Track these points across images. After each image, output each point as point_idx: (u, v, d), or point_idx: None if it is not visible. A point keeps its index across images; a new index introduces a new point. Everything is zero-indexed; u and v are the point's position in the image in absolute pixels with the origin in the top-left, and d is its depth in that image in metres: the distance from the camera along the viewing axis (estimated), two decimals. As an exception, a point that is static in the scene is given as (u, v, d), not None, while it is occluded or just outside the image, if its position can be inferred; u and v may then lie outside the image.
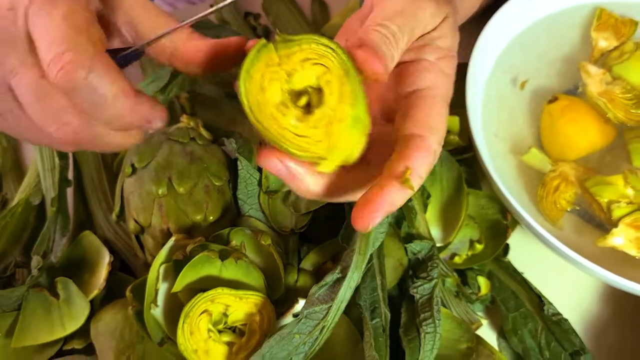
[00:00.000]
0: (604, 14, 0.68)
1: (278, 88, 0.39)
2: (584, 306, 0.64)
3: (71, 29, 0.38)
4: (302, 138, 0.39)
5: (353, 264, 0.48)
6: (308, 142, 0.39)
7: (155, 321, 0.51)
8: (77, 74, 0.37)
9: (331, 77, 0.39)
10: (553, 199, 0.60)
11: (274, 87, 0.38)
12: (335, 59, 0.39)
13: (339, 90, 0.39)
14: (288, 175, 0.40)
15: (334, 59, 0.39)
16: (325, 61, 0.39)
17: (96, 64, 0.37)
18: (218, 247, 0.52)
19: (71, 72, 0.37)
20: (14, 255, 0.63)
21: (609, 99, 0.62)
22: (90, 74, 0.37)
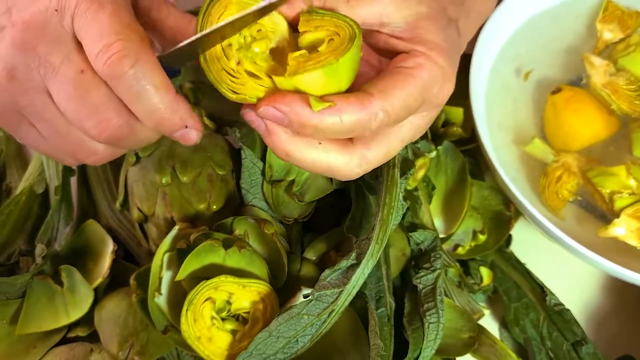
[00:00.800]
0: (610, 5, 0.68)
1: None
2: (586, 297, 0.64)
3: (119, 23, 0.40)
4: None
5: (369, 251, 0.48)
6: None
7: (159, 309, 0.52)
8: (125, 62, 0.39)
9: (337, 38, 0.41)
10: (555, 189, 0.60)
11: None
12: (348, 29, 0.41)
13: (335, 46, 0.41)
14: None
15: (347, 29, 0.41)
16: (338, 29, 0.41)
17: (142, 56, 0.39)
18: (222, 236, 0.52)
19: (119, 61, 0.39)
20: (18, 243, 0.63)
21: (613, 90, 0.62)
22: (136, 64, 0.39)
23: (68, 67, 0.41)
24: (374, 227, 0.49)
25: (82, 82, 0.40)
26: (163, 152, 0.57)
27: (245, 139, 0.59)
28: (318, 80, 0.40)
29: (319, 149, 0.42)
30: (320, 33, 0.41)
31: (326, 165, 0.42)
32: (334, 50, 0.40)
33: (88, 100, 0.40)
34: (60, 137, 0.44)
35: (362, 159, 0.43)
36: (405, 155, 0.54)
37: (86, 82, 0.40)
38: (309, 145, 0.41)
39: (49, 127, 0.43)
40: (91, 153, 0.45)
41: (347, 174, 0.43)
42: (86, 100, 0.40)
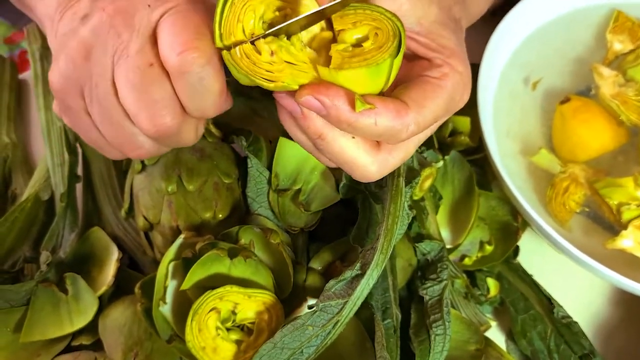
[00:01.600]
0: (621, 16, 0.68)
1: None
2: (594, 309, 0.64)
3: (204, 26, 0.41)
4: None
5: (374, 261, 0.48)
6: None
7: (164, 318, 0.51)
8: (196, 61, 0.40)
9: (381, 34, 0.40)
10: (562, 200, 0.60)
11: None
12: (389, 24, 0.40)
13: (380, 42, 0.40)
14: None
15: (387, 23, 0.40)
16: (378, 23, 0.41)
17: (213, 60, 0.41)
18: (227, 246, 0.52)
19: (192, 58, 0.40)
20: (23, 250, 0.63)
21: (622, 101, 0.62)
22: (206, 66, 0.41)
23: (140, 57, 0.41)
24: (378, 236, 0.49)
25: (149, 75, 0.41)
26: (169, 160, 0.57)
27: (251, 147, 0.58)
28: (362, 79, 0.40)
29: (351, 141, 0.42)
30: (360, 29, 0.41)
31: (350, 158, 0.43)
32: (380, 47, 0.40)
33: (149, 93, 0.42)
34: (112, 126, 0.45)
35: (382, 164, 0.44)
36: (411, 165, 0.54)
37: (152, 76, 0.42)
38: (344, 134, 0.42)
39: (104, 114, 0.44)
40: (137, 147, 0.46)
41: (363, 175, 0.44)
42: (147, 93, 0.42)
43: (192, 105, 0.43)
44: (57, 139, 0.67)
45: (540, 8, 0.68)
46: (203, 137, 0.59)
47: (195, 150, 0.58)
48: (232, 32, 0.40)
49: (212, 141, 0.60)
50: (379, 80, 0.40)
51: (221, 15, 0.40)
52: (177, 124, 0.44)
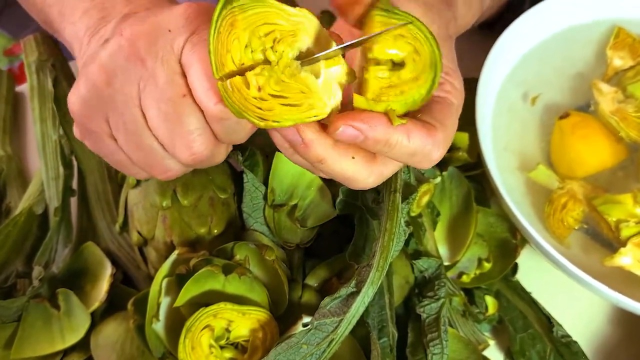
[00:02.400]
0: (621, 32, 0.67)
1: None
2: (593, 328, 0.63)
3: None
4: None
5: (369, 279, 0.47)
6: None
7: (157, 336, 0.51)
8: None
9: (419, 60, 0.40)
10: (560, 216, 0.59)
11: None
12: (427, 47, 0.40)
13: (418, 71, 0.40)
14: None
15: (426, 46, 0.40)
16: (417, 44, 0.40)
17: None
18: (221, 262, 0.51)
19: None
20: (16, 265, 0.62)
21: (622, 117, 0.61)
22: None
23: (171, 88, 0.41)
24: (374, 253, 0.49)
25: (182, 107, 0.41)
26: (164, 175, 0.57)
27: (247, 162, 0.58)
28: (399, 110, 0.40)
29: (350, 161, 0.42)
30: (399, 46, 0.40)
31: (350, 174, 0.42)
32: (416, 78, 0.40)
33: (184, 125, 0.42)
34: (140, 151, 0.45)
35: (379, 175, 0.44)
36: (408, 181, 0.53)
37: (186, 107, 0.41)
38: (343, 156, 0.41)
39: (132, 140, 0.44)
40: (166, 170, 0.46)
41: (361, 185, 0.44)
42: (182, 125, 0.42)
43: (227, 139, 0.44)
44: (52, 153, 0.66)
45: (539, 24, 0.68)
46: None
47: (190, 165, 0.58)
48: (224, 62, 0.38)
49: (207, 156, 0.59)
50: (410, 108, 0.40)
51: (212, 44, 0.38)
52: (211, 151, 0.44)
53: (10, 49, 1.80)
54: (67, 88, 0.70)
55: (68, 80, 0.70)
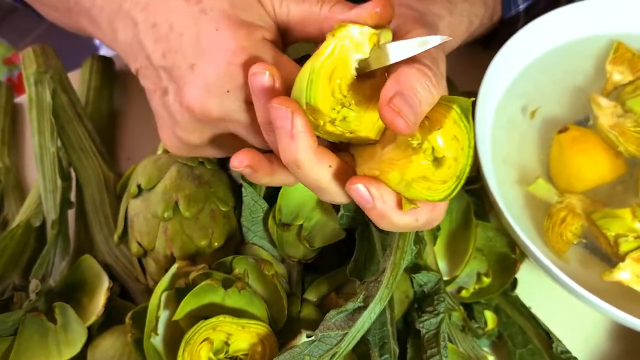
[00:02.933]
0: (621, 47, 0.68)
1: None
2: (593, 343, 0.63)
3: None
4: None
5: (378, 295, 0.47)
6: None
7: (155, 350, 0.50)
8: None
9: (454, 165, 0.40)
10: (559, 231, 0.59)
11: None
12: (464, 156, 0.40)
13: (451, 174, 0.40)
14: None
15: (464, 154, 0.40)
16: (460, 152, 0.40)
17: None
18: (221, 276, 0.51)
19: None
20: (13, 278, 0.62)
21: (621, 132, 0.62)
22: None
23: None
24: (384, 270, 0.48)
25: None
26: (166, 185, 0.57)
27: (246, 175, 0.58)
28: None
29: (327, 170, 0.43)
30: (451, 145, 0.40)
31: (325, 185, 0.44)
32: (444, 182, 0.40)
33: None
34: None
35: None
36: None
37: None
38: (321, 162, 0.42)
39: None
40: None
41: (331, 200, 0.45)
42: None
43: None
44: (50, 165, 0.66)
45: (539, 38, 0.68)
46: (201, 163, 0.59)
47: (193, 176, 0.57)
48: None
49: (210, 168, 0.59)
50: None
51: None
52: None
53: (10, 58, 1.80)
54: (65, 99, 0.69)
55: (66, 92, 0.70)
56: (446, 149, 0.40)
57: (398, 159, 0.40)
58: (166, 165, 0.58)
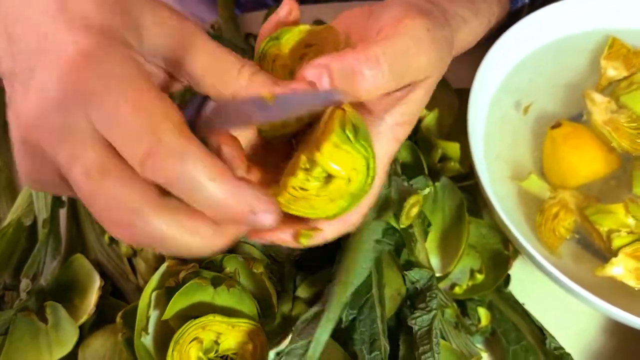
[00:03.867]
0: (616, 43, 0.67)
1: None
2: (587, 339, 0.63)
3: (147, 113, 0.33)
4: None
5: (333, 295, 0.47)
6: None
7: (146, 349, 0.50)
8: (173, 166, 0.32)
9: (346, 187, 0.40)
10: (552, 226, 0.59)
11: None
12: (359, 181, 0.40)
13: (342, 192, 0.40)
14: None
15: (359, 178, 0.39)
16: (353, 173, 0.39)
17: (187, 148, 0.33)
18: (210, 274, 0.50)
19: (167, 167, 0.32)
20: (4, 277, 0.62)
21: (614, 127, 0.61)
22: (185, 162, 0.33)
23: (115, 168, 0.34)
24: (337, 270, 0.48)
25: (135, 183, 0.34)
26: (153, 185, 0.56)
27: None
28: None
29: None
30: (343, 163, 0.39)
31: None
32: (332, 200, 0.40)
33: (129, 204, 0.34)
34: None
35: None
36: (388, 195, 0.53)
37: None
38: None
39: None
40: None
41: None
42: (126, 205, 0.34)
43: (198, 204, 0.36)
44: (42, 164, 0.65)
45: (533, 33, 0.68)
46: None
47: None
48: None
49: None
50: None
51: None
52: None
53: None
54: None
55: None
56: (332, 170, 0.39)
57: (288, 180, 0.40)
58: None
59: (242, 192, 0.34)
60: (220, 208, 0.34)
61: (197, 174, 0.33)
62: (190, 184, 0.33)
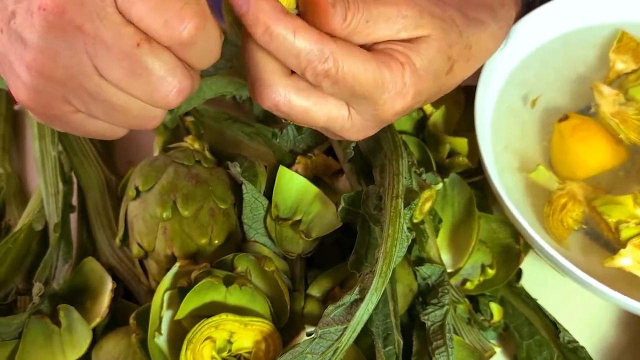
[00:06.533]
0: (625, 37, 0.67)
1: None
2: (600, 333, 0.62)
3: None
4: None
5: (373, 285, 0.47)
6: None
7: (160, 350, 0.50)
8: (202, 25, 0.37)
9: None
10: (560, 217, 0.59)
11: None
12: None
13: None
14: None
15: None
16: None
17: (208, 17, 0.38)
18: (222, 273, 0.50)
19: (190, 32, 0.37)
20: (16, 282, 0.62)
21: (622, 119, 0.61)
22: (206, 26, 0.37)
23: (123, 41, 0.37)
24: (377, 260, 0.48)
25: (142, 56, 0.37)
26: (164, 186, 0.56)
27: (246, 173, 0.58)
28: None
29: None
30: None
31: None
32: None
33: (153, 73, 0.38)
34: (116, 112, 0.41)
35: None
36: (410, 186, 0.53)
37: (146, 55, 0.38)
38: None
39: (103, 106, 0.40)
40: (151, 119, 0.42)
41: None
42: (151, 73, 0.38)
43: (201, 63, 0.40)
44: (52, 169, 0.66)
45: (541, 27, 0.68)
46: (198, 162, 0.59)
47: (190, 175, 0.57)
48: None
49: (207, 167, 0.59)
50: None
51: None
52: (190, 82, 0.40)
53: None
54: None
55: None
56: None
57: None
58: (163, 166, 0.58)
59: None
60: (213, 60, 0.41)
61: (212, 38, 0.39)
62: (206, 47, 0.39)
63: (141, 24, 0.37)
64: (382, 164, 0.54)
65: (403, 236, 0.49)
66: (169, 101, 0.40)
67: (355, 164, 0.59)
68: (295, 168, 0.60)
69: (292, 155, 0.62)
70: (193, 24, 0.37)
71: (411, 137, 0.63)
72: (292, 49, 0.39)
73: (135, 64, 0.38)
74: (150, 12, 0.36)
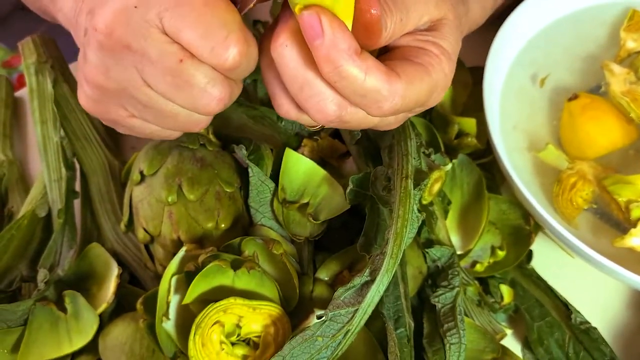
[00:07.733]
0: (636, 15, 0.66)
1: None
2: (612, 314, 0.62)
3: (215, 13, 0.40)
4: None
5: (384, 267, 0.46)
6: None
7: (167, 335, 0.49)
8: (244, 51, 0.40)
9: None
10: (569, 196, 0.58)
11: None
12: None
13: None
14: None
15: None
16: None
17: (249, 41, 0.41)
18: (230, 257, 0.50)
19: (240, 53, 0.40)
20: (20, 269, 0.61)
21: (632, 98, 0.60)
22: (247, 52, 0.41)
23: (167, 59, 0.40)
24: (387, 241, 0.47)
25: (185, 71, 0.41)
26: (169, 169, 0.56)
27: (252, 156, 0.57)
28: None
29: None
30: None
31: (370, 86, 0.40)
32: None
33: (195, 86, 0.41)
34: (167, 118, 0.45)
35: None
36: (419, 167, 0.52)
37: (189, 70, 0.41)
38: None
39: (155, 114, 0.44)
40: (198, 123, 0.46)
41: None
42: (193, 85, 0.41)
43: (240, 77, 0.44)
44: (54, 155, 0.65)
45: (550, 5, 0.67)
46: (203, 145, 0.58)
47: (195, 159, 0.56)
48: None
49: (212, 150, 0.58)
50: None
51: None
52: (230, 91, 0.43)
53: (8, 61, 1.79)
54: (66, 89, 0.69)
55: (68, 81, 0.69)
56: None
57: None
58: (167, 149, 0.57)
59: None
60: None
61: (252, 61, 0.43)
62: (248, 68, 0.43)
63: (189, 48, 0.40)
64: (390, 144, 0.54)
65: (413, 217, 0.49)
66: (211, 110, 0.43)
67: (362, 146, 0.59)
68: (301, 151, 0.59)
69: (298, 138, 0.61)
70: (237, 50, 0.40)
71: (418, 118, 0.62)
72: (360, 89, 0.39)
73: (178, 78, 0.41)
74: (198, 40, 0.40)
